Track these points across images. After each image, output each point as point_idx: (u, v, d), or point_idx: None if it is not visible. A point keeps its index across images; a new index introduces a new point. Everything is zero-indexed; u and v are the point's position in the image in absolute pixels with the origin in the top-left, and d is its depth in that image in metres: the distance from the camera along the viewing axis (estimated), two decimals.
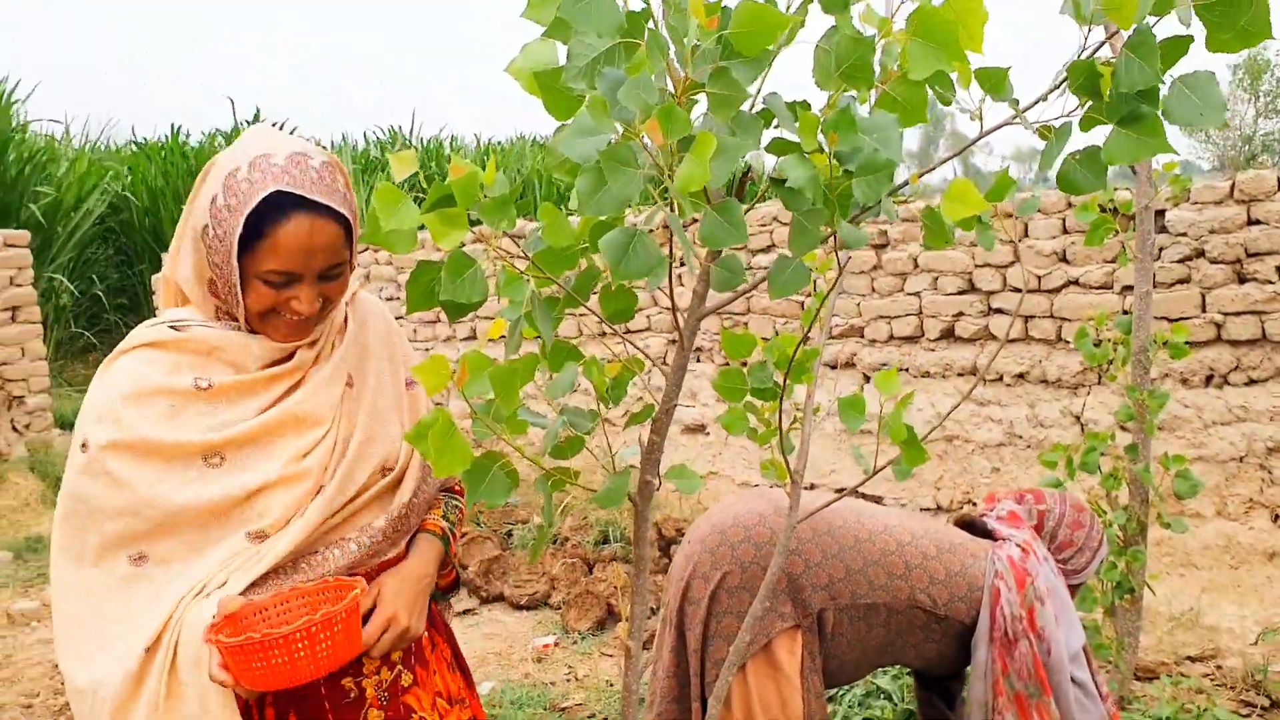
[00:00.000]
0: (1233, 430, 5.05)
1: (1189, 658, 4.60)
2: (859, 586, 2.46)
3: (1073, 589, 2.64)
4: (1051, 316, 5.55)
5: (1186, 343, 4.99)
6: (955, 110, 1.69)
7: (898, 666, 3.86)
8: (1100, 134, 1.40)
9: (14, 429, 7.40)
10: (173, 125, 13.67)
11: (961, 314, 5.83)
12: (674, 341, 6.62)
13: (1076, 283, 5.44)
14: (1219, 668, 4.49)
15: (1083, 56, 1.40)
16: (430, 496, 1.84)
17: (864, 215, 1.61)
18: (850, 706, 3.74)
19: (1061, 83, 1.61)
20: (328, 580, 1.64)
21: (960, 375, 5.89)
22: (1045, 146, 1.45)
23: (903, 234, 6.01)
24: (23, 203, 10.79)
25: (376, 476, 1.71)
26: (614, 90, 1.39)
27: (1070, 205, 5.32)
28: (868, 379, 6.23)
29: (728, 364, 6.35)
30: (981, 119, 1.56)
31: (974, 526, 2.71)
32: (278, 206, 1.56)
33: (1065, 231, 5.43)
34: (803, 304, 6.39)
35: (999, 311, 5.72)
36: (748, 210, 1.53)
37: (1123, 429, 5.15)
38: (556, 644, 5.21)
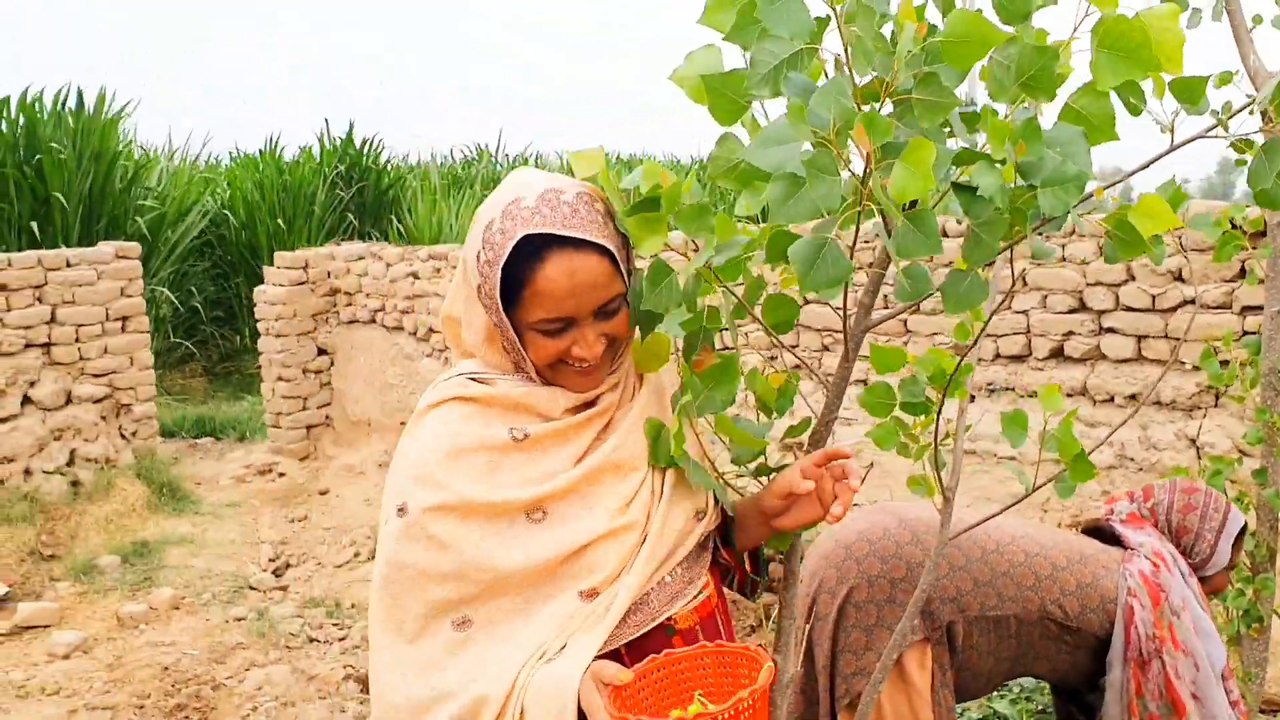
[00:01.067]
0: None
1: None
2: (988, 599, 2.45)
3: (1208, 581, 2.60)
4: (1166, 337, 5.41)
5: None
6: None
7: (1018, 690, 3.79)
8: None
9: (122, 436, 7.59)
10: (269, 137, 13.94)
11: (1071, 333, 5.71)
12: (773, 358, 6.57)
13: (1192, 302, 5.30)
14: None
15: None
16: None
17: (1046, 227, 1.58)
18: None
19: (1257, 98, 1.56)
20: (709, 646, 1.54)
21: (1070, 395, 5.76)
22: (1253, 161, 1.40)
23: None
24: (129, 215, 11.08)
25: (691, 523, 1.65)
26: (804, 96, 1.38)
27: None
28: (972, 399, 6.13)
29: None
30: (1173, 131, 1.52)
31: (1100, 532, 2.70)
32: (533, 252, 1.50)
33: (1181, 249, 5.30)
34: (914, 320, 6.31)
35: (1111, 331, 5.59)
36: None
37: (1243, 454, 5.01)
38: None
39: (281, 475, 8.29)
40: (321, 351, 8.90)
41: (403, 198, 13.30)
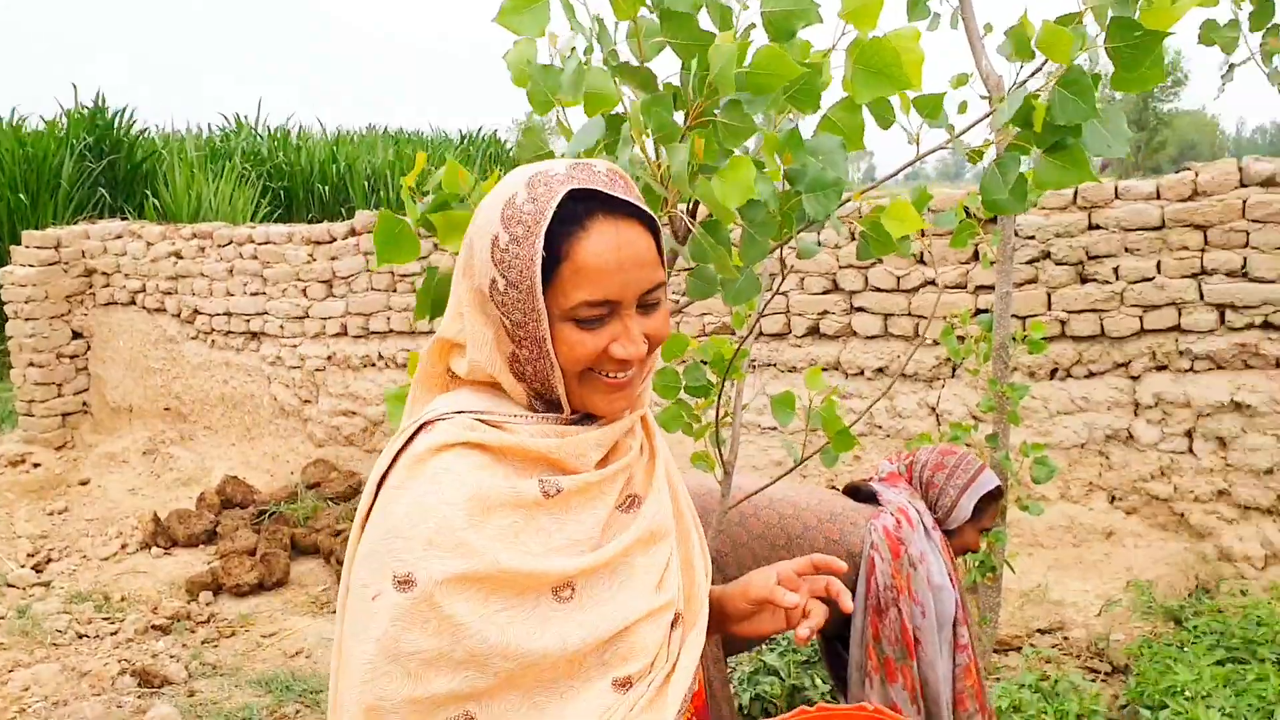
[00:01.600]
0: (1075, 419, 5.46)
1: (1039, 630, 4.98)
2: (744, 560, 2.58)
3: (955, 536, 2.79)
4: (909, 314, 5.88)
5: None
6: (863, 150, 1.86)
7: (786, 642, 4.08)
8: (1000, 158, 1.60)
9: None
10: (11, 109, 12.96)
11: (826, 312, 6.12)
12: None
13: (933, 283, 5.78)
14: (1065, 638, 4.87)
15: (1020, 87, 1.60)
16: None
17: (811, 228, 1.77)
18: (740, 684, 3.93)
19: (991, 113, 1.80)
20: (811, 710, 1.41)
21: (825, 370, 6.17)
22: (988, 171, 1.63)
23: None
24: None
25: (707, 586, 1.46)
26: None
27: (932, 210, 5.65)
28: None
29: None
30: (919, 142, 1.74)
31: (859, 491, 2.84)
32: (573, 219, 1.23)
33: (922, 235, 5.76)
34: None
35: (861, 310, 6.02)
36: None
37: (977, 421, 5.52)
38: None
39: (36, 466, 7.82)
40: (77, 335, 8.42)
41: (158, 171, 12.65)
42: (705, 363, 2.22)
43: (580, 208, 1.23)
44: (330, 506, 6.88)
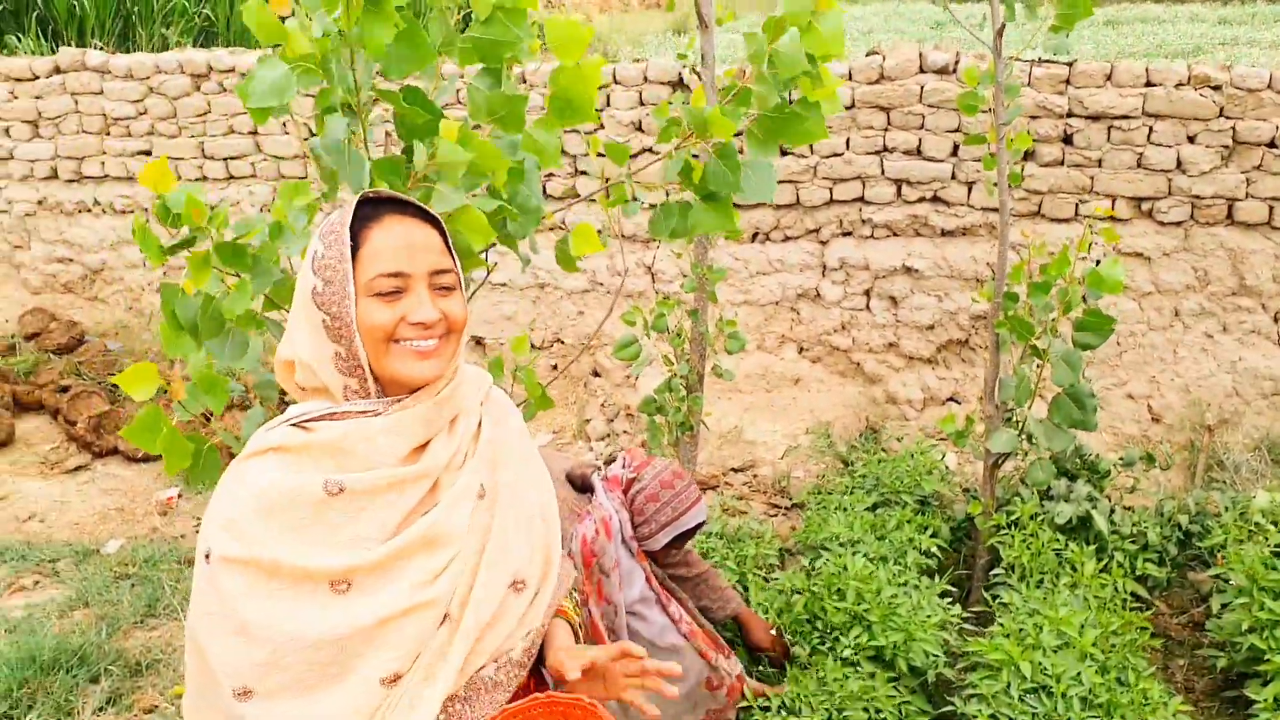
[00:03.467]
0: (771, 279, 6.06)
1: (734, 469, 5.66)
2: None
3: (659, 550, 3.01)
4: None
5: (736, 205, 5.82)
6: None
7: None
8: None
9: None
10: None
11: (550, 174, 6.38)
12: None
13: (651, 150, 6.14)
14: (755, 476, 5.57)
15: (681, 152, 1.92)
16: (557, 604, 1.71)
17: (510, 243, 2.06)
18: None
19: (662, 157, 2.12)
20: (541, 698, 1.52)
21: (552, 230, 6.49)
22: (654, 216, 1.96)
23: None
24: None
25: (509, 595, 1.57)
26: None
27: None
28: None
29: None
30: (605, 179, 2.05)
31: (584, 480, 2.98)
32: (370, 216, 1.52)
33: (641, 103, 6.07)
34: None
35: (584, 174, 6.32)
36: None
37: (685, 275, 6.01)
38: (180, 495, 5.39)
39: None
40: None
41: None
42: None
43: (372, 209, 1.52)
44: (53, 360, 6.69)
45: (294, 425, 1.51)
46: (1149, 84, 5.27)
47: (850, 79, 5.70)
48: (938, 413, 5.79)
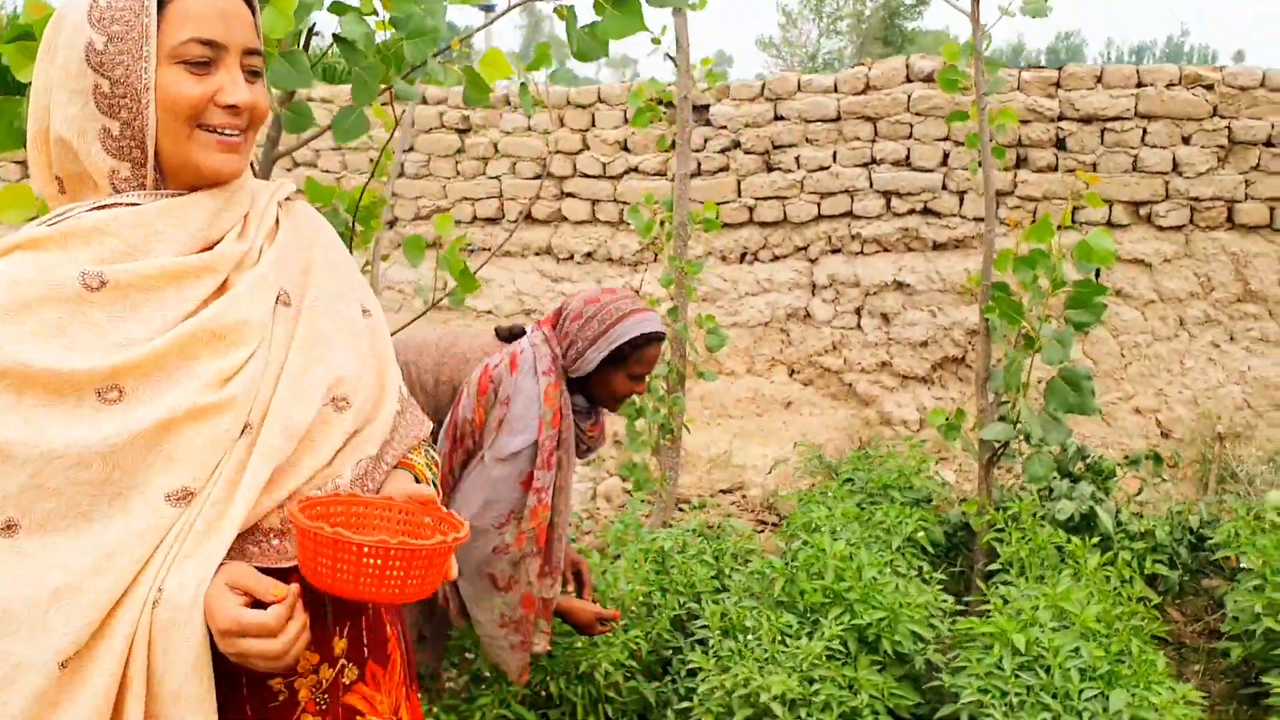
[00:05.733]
0: (760, 300, 5.89)
1: (722, 490, 5.42)
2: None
3: (602, 382, 2.73)
4: (615, 200, 6.13)
5: (725, 224, 5.72)
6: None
7: None
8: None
9: None
10: None
11: (538, 197, 6.28)
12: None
13: (636, 170, 6.04)
14: (744, 496, 5.33)
15: None
16: (404, 450, 1.48)
17: (415, 74, 1.90)
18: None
19: None
20: (398, 500, 1.35)
21: (537, 254, 6.36)
22: (566, 27, 1.80)
23: (484, 120, 6.34)
24: None
25: (327, 411, 1.33)
26: None
27: (630, 95, 5.88)
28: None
29: None
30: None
31: (514, 330, 2.81)
32: None
33: (626, 122, 5.99)
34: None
35: (571, 195, 6.22)
36: (315, 64, 1.78)
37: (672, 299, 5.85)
38: None
39: None
40: None
41: None
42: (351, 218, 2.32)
43: None
44: None
45: (46, 223, 1.26)
46: (1140, 84, 5.15)
47: (836, 90, 5.61)
48: (934, 434, 5.54)
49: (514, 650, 2.75)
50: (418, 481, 1.47)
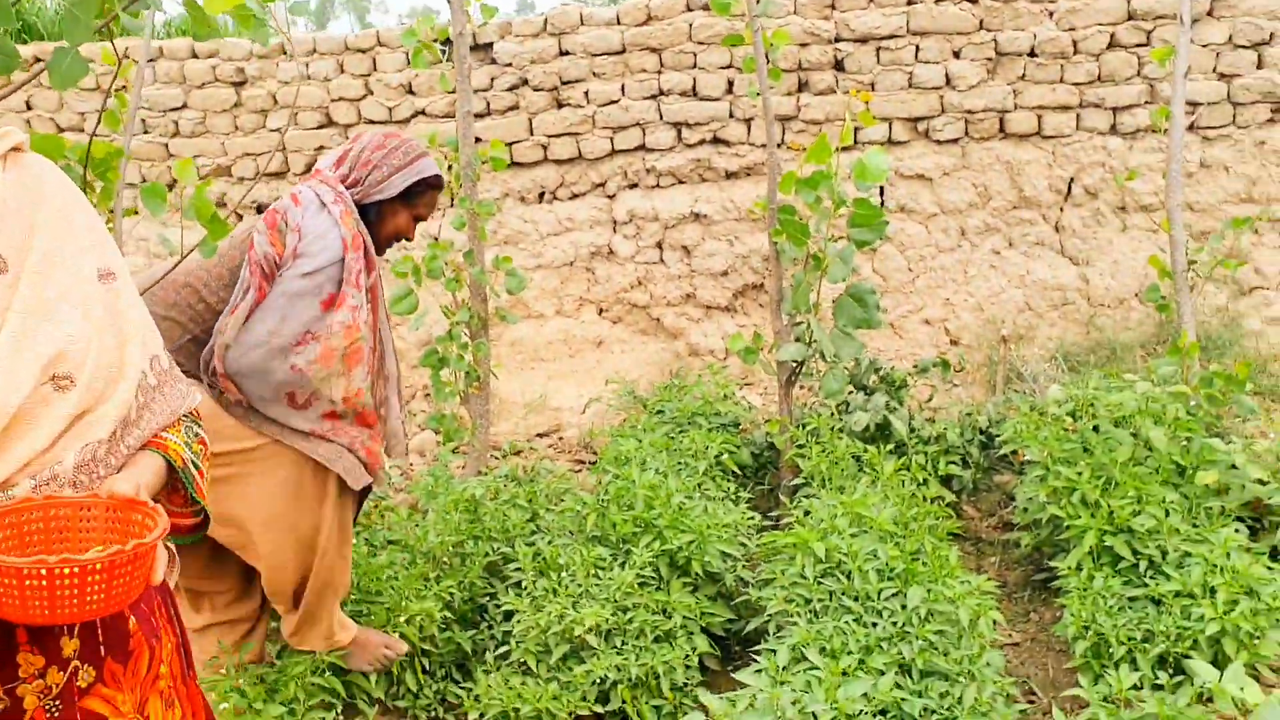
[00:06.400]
0: (563, 239, 5.85)
1: (539, 435, 5.40)
2: (174, 328, 2.55)
3: (385, 216, 2.76)
4: None
5: (520, 164, 5.64)
6: None
7: None
8: None
9: None
10: None
11: (323, 147, 6.05)
12: None
13: (424, 113, 5.88)
14: (561, 439, 5.32)
15: None
16: (155, 429, 1.36)
17: (135, 7, 1.77)
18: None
19: None
20: (100, 497, 1.24)
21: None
22: None
23: (260, 70, 6.05)
24: None
25: (46, 390, 1.23)
26: None
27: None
28: (240, 217, 6.29)
29: None
30: None
31: None
32: None
33: (409, 65, 5.81)
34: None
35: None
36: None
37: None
38: None
39: None
40: None
41: None
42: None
43: None
44: None
45: None
46: (911, 2, 5.29)
47: (619, 22, 5.57)
48: (740, 361, 5.65)
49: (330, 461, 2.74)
50: (170, 464, 1.37)
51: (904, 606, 2.84)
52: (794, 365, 4.18)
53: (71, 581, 1.10)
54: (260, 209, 6.23)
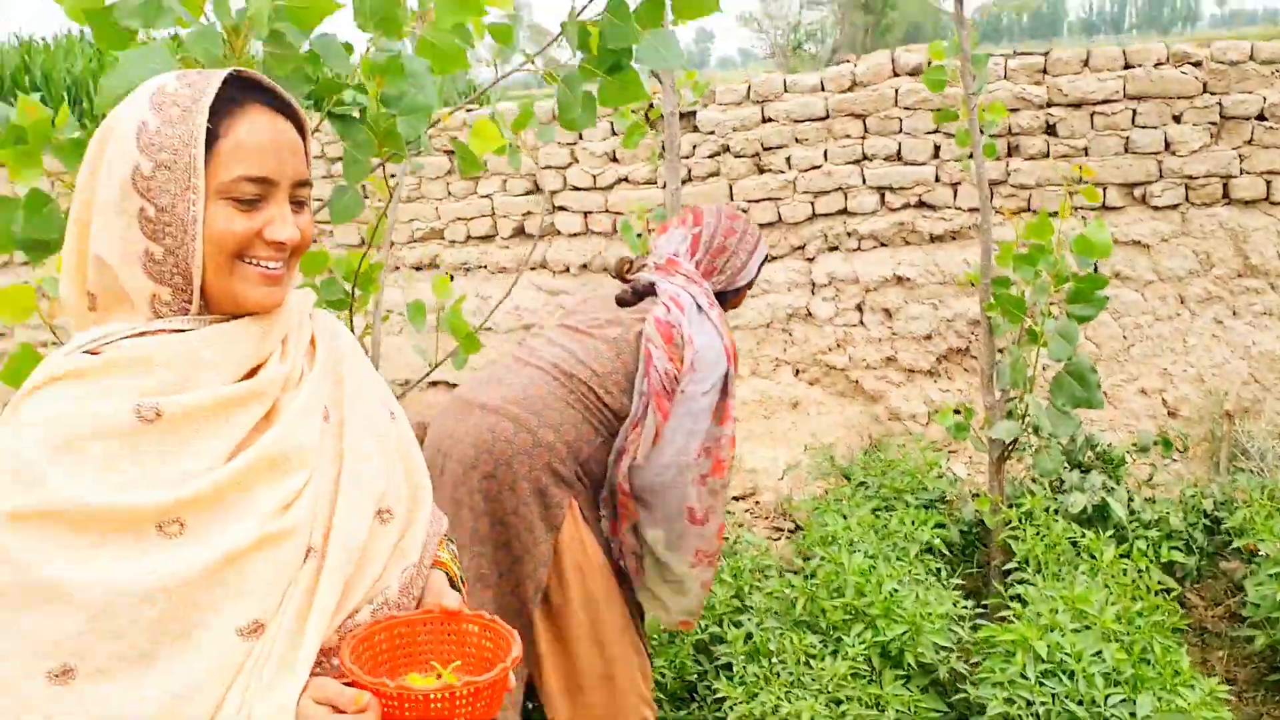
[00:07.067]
0: (760, 301, 5.87)
1: (736, 498, 5.41)
2: (564, 435, 2.54)
3: (731, 298, 2.83)
4: (607, 211, 6.12)
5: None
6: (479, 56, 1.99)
7: None
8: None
9: None
10: None
11: (529, 212, 6.27)
12: None
13: (626, 180, 6.02)
14: (757, 503, 5.32)
15: (575, 18, 1.76)
16: (435, 549, 1.46)
17: (408, 148, 1.89)
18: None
19: (555, 39, 1.96)
20: (435, 612, 1.32)
21: (533, 269, 6.35)
22: (559, 94, 1.79)
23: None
24: None
25: (375, 525, 1.32)
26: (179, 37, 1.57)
27: (616, 110, 5.85)
28: (451, 278, 6.55)
29: None
30: (496, 65, 1.88)
31: (639, 289, 2.76)
32: (231, 100, 1.23)
33: (614, 134, 5.97)
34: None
35: (562, 209, 6.20)
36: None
37: None
38: None
39: None
40: None
41: None
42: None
43: (237, 92, 1.24)
44: None
45: (87, 351, 1.21)
46: (1128, 66, 5.12)
47: (823, 89, 5.58)
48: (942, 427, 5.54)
49: (704, 588, 2.75)
50: (450, 579, 1.46)
51: (1133, 715, 2.73)
52: (1006, 442, 4.08)
53: (470, 701, 1.17)
54: (468, 270, 6.49)
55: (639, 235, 4.51)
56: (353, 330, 2.32)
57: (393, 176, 2.11)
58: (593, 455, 2.59)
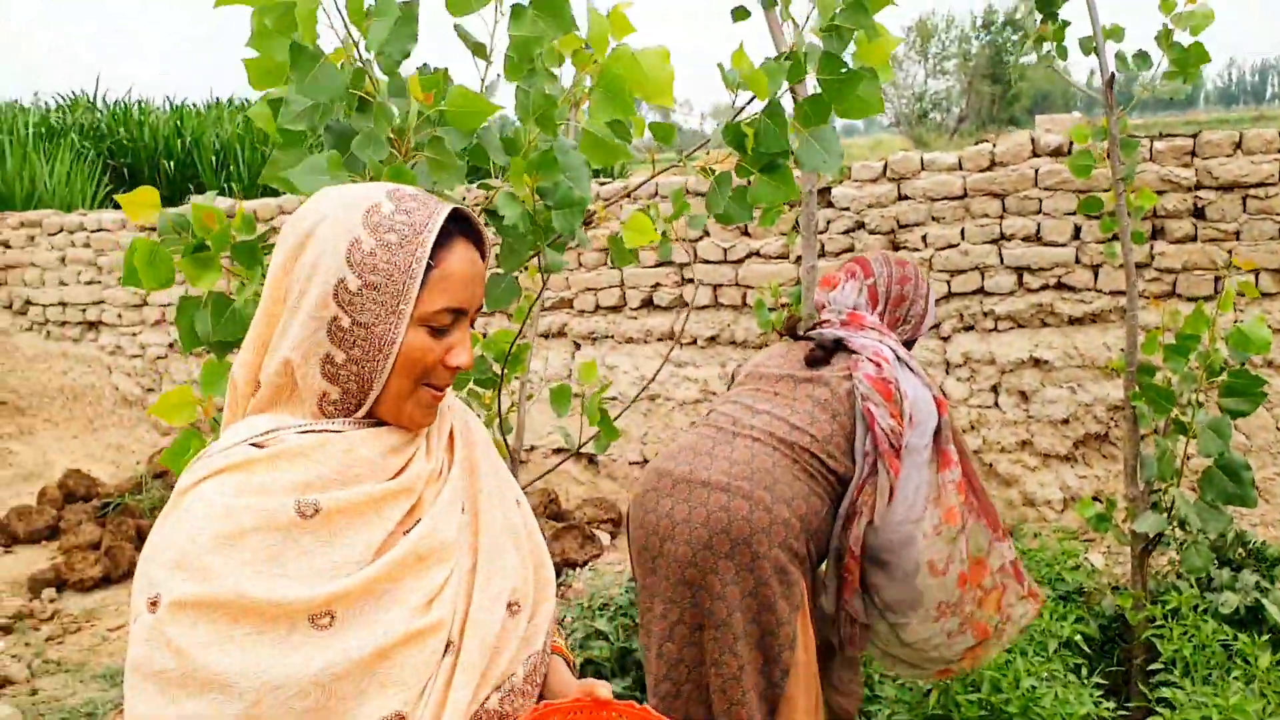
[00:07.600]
0: None
1: None
2: (789, 507, 2.49)
3: (913, 344, 2.85)
4: (737, 284, 6.14)
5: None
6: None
7: (616, 608, 4.28)
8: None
9: None
10: None
11: (659, 284, 6.33)
12: None
13: (758, 254, 6.04)
14: None
15: (734, 120, 1.79)
16: (552, 635, 1.49)
17: (563, 241, 1.94)
18: (570, 650, 4.12)
19: (707, 141, 1.99)
20: (586, 701, 1.36)
21: (660, 340, 6.40)
22: (710, 189, 1.82)
23: (607, 212, 6.42)
24: None
25: (505, 617, 1.36)
26: (343, 141, 1.65)
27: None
28: (578, 346, 6.66)
29: None
30: (654, 163, 1.92)
31: (824, 345, 2.73)
32: (444, 233, 1.30)
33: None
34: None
35: (690, 281, 6.25)
36: None
37: None
38: None
39: None
40: None
41: None
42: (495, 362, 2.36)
43: (450, 224, 1.31)
44: None
45: (252, 443, 1.28)
46: None
47: (961, 168, 5.54)
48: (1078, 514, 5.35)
49: (950, 639, 2.69)
50: (567, 663, 1.51)
51: None
52: (1150, 535, 3.92)
53: None
54: (594, 340, 6.57)
55: (771, 310, 4.52)
56: (499, 407, 2.36)
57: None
58: (820, 526, 2.55)
